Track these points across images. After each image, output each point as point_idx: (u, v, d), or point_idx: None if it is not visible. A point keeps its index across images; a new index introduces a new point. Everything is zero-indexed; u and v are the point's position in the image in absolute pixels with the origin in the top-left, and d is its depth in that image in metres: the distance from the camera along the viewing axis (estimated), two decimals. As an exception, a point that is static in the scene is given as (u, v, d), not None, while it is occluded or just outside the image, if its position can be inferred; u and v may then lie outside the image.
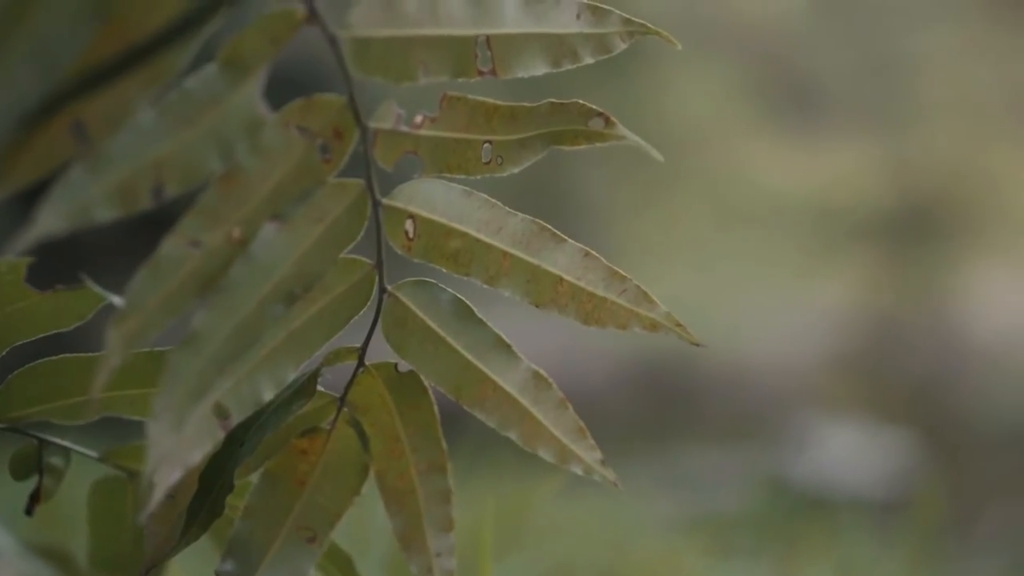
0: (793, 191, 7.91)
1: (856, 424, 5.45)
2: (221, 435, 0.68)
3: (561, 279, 0.74)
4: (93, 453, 0.80)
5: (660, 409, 5.93)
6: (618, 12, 0.74)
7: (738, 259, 7.55)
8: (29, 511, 0.78)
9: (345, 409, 0.76)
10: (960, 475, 4.81)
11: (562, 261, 0.74)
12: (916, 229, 7.74)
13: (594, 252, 0.74)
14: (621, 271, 0.74)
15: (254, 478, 0.77)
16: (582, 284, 0.74)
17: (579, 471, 0.75)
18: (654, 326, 0.74)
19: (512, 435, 0.75)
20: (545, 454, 0.75)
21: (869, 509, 3.73)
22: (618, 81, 7.20)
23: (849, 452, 4.99)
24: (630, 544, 2.59)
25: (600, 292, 0.74)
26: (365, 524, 1.35)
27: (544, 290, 0.74)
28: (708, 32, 8.17)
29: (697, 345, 0.74)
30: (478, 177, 0.74)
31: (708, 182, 7.90)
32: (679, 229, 7.69)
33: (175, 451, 0.66)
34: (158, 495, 0.66)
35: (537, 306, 0.74)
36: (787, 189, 7.91)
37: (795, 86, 8.24)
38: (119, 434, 0.83)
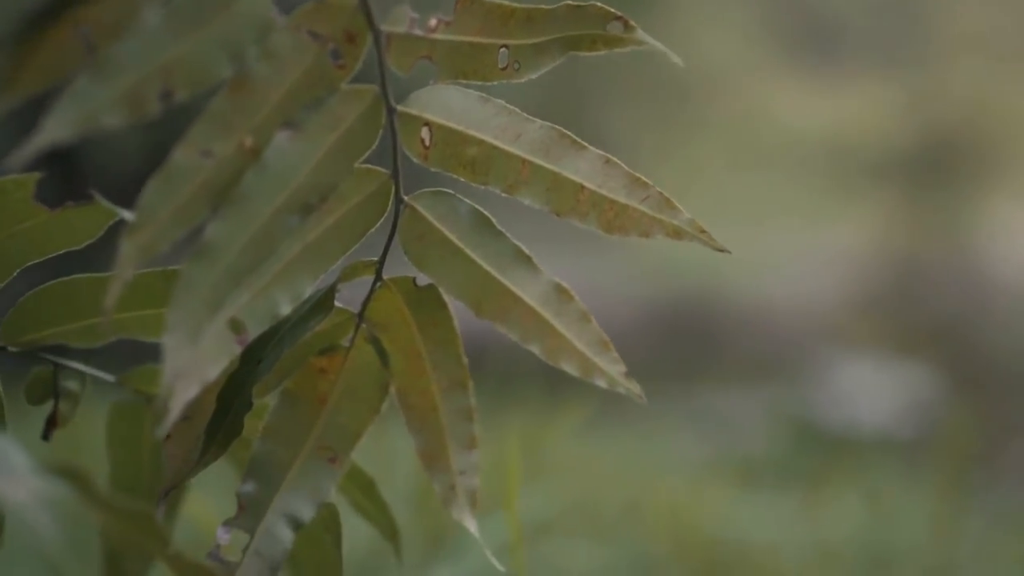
0: (814, 132, 7.87)
1: (879, 362, 5.43)
2: (238, 350, 0.67)
3: (582, 186, 0.72)
4: (109, 377, 0.79)
5: (683, 351, 5.92)
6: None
7: (759, 200, 7.51)
8: (46, 436, 0.77)
9: (364, 326, 0.75)
10: (984, 410, 4.79)
11: (583, 168, 0.72)
12: (937, 167, 7.70)
13: (615, 159, 0.72)
14: (643, 177, 0.72)
15: (272, 399, 0.76)
16: (603, 191, 0.72)
17: (603, 384, 0.73)
18: (677, 233, 0.72)
19: (535, 349, 0.73)
20: (568, 367, 0.73)
21: (893, 445, 3.72)
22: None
23: (872, 389, 4.97)
24: (655, 479, 2.58)
25: (622, 199, 0.72)
26: (388, 447, 1.34)
27: (565, 198, 0.72)
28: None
29: (723, 251, 0.72)
30: (494, 83, 0.72)
31: (728, 125, 7.85)
32: (701, 170, 7.65)
33: (191, 365, 0.65)
34: (175, 411, 0.64)
35: (558, 215, 0.72)
36: (808, 130, 7.87)
37: (814, 26, 8.18)
38: (136, 360, 0.82)
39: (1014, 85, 7.91)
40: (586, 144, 0.72)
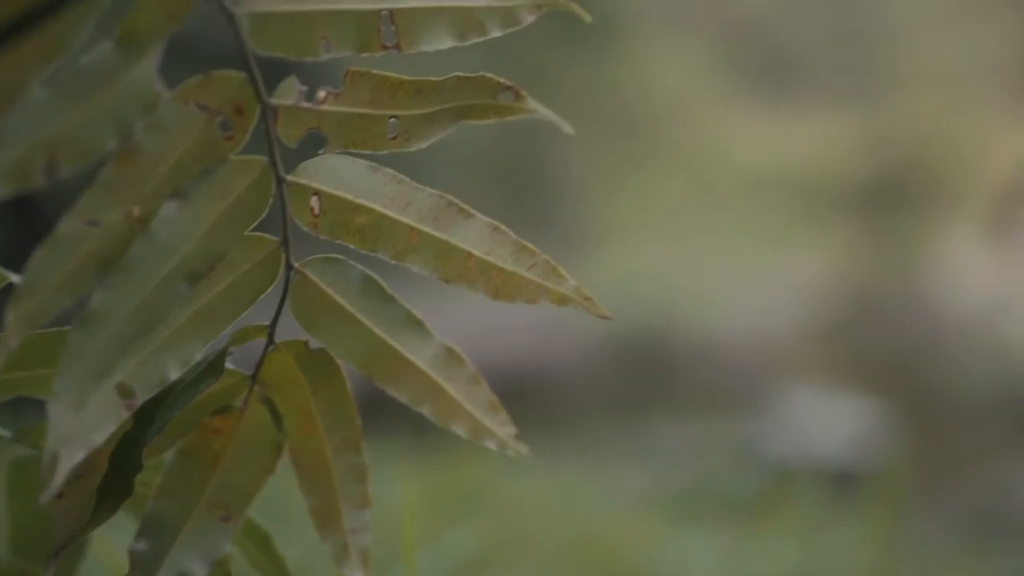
0: (769, 164, 7.91)
1: (831, 396, 5.46)
2: (125, 415, 0.68)
3: (469, 254, 0.73)
4: (7, 432, 0.80)
5: (637, 383, 5.94)
6: (526, -14, 0.73)
7: (715, 232, 7.55)
8: (-57, 493, 0.78)
9: (257, 387, 0.76)
10: (934, 444, 4.82)
11: (470, 236, 0.73)
12: (892, 200, 7.75)
13: (503, 227, 0.74)
14: (530, 245, 0.74)
15: (169, 456, 0.77)
16: (491, 259, 0.73)
17: (492, 446, 0.75)
18: (563, 300, 0.74)
19: (425, 411, 0.75)
20: (459, 430, 0.75)
21: (841, 480, 3.74)
22: (594, 56, 7.19)
23: (824, 423, 5.00)
24: (596, 515, 2.60)
25: (509, 266, 0.73)
26: (294, 499, 1.35)
27: (452, 265, 0.73)
28: (684, 5, 8.16)
29: (606, 318, 0.74)
30: (384, 151, 0.73)
31: (685, 156, 7.89)
32: (656, 203, 7.68)
33: (77, 432, 0.66)
34: (60, 476, 0.66)
35: (446, 281, 0.74)
36: (763, 162, 7.91)
37: (770, 59, 8.24)
38: (38, 413, 0.83)
39: (970, 118, 7.98)
40: (474, 212, 0.74)
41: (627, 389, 5.79)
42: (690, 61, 7.99)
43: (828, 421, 5.02)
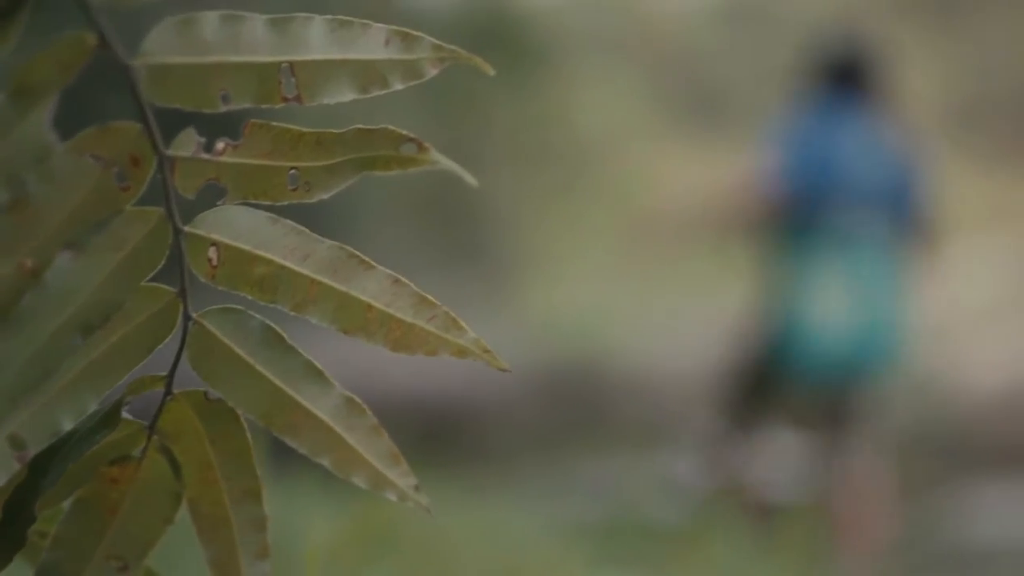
0: (699, 197, 7.96)
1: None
2: (17, 467, 0.67)
3: (370, 306, 0.73)
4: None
5: (563, 417, 5.94)
6: (428, 38, 0.73)
7: (645, 266, 7.58)
8: None
9: (155, 437, 0.76)
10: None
11: (371, 288, 0.73)
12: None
13: (403, 279, 0.74)
14: (430, 297, 0.74)
15: (66, 506, 0.76)
16: (391, 311, 0.73)
17: (393, 498, 0.75)
18: (462, 352, 0.74)
19: (325, 462, 0.74)
20: (359, 481, 0.75)
21: (766, 514, 3.76)
22: (526, 88, 7.21)
23: (756, 456, 5.01)
24: (519, 549, 2.60)
25: (409, 318, 0.73)
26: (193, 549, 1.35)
27: (353, 317, 0.73)
28: (615, 41, 8.21)
29: (504, 371, 0.74)
30: (284, 202, 0.73)
31: (614, 189, 7.92)
32: (586, 236, 7.71)
33: (-33, 484, 0.65)
34: (-52, 529, 0.65)
35: (345, 332, 0.73)
36: (693, 195, 7.96)
37: (700, 93, 8.30)
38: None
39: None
40: (374, 264, 0.74)
41: (554, 423, 5.80)
42: (621, 95, 8.03)
43: (761, 454, 5.04)
